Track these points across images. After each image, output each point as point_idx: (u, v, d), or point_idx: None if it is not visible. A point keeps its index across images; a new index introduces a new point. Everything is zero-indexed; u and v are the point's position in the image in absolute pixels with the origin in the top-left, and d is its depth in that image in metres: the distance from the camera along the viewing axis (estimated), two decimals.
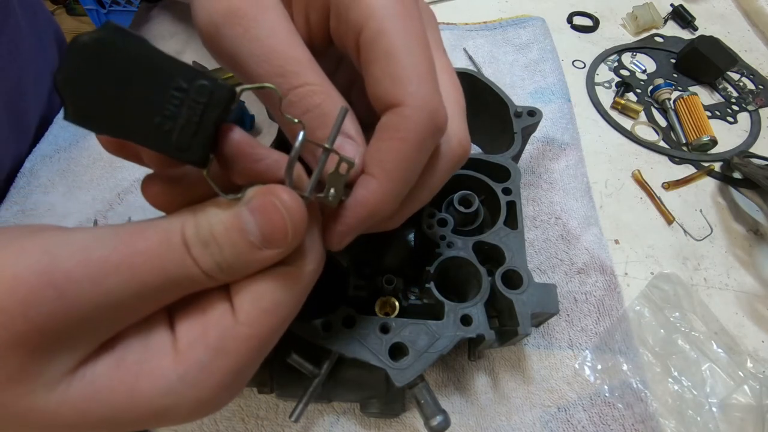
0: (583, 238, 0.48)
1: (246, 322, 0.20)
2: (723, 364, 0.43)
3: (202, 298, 0.21)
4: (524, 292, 0.34)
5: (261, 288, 0.21)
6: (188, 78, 0.18)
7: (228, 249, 0.19)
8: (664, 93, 0.63)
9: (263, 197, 0.20)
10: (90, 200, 0.53)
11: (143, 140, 0.18)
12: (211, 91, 0.18)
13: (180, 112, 0.18)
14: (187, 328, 0.20)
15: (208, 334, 0.20)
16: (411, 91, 0.23)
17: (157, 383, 0.19)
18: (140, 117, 0.17)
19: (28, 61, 0.55)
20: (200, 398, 0.20)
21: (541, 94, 0.60)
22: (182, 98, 0.18)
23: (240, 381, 0.21)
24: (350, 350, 0.32)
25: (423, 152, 0.24)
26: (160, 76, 0.17)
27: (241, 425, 0.39)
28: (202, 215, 0.20)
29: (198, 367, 0.20)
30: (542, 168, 0.54)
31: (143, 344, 0.20)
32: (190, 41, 0.67)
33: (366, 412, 0.38)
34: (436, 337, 0.32)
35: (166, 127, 0.18)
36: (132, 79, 0.17)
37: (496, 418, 0.39)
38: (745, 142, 0.60)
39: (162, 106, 0.17)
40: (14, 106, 0.54)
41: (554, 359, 0.42)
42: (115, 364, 0.19)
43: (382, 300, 0.37)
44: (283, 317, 0.21)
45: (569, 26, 0.73)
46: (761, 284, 0.48)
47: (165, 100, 0.17)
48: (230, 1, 0.23)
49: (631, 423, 0.39)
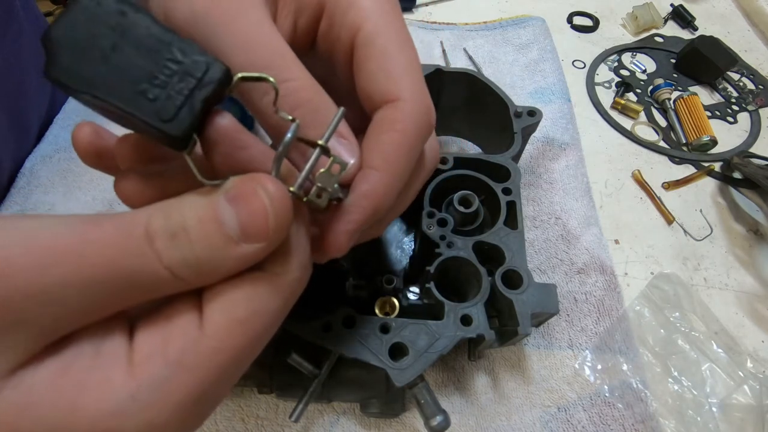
0: (583, 238, 0.48)
1: (213, 335, 0.17)
2: (723, 364, 0.43)
3: (169, 306, 0.18)
4: (524, 292, 0.34)
5: (235, 295, 0.18)
6: (185, 51, 0.17)
7: (200, 242, 0.17)
8: (664, 93, 0.63)
9: (244, 184, 0.17)
10: (90, 200, 0.53)
11: (125, 103, 0.17)
12: (206, 67, 0.17)
13: (170, 82, 0.17)
14: (146, 338, 0.18)
15: (169, 346, 0.17)
16: (407, 86, 0.23)
17: (103, 400, 0.16)
18: (127, 81, 0.17)
19: (30, 62, 0.55)
20: (153, 422, 0.17)
21: (541, 94, 0.60)
22: (175, 70, 0.17)
23: (205, 403, 0.18)
24: (350, 350, 0.32)
25: (419, 145, 0.24)
26: (156, 44, 0.17)
27: (241, 425, 0.39)
28: (173, 205, 0.18)
29: (153, 384, 0.17)
30: (542, 168, 0.54)
31: (95, 351, 0.17)
32: None
33: (366, 412, 0.38)
34: (436, 337, 0.32)
35: (152, 94, 0.17)
36: (126, 44, 0.17)
37: (496, 418, 0.39)
38: (745, 142, 0.60)
39: (152, 74, 0.17)
40: (15, 107, 0.54)
41: (554, 359, 0.42)
42: (59, 370, 0.16)
43: (382, 300, 0.37)
44: (260, 331, 0.18)
45: (569, 26, 0.73)
46: (761, 284, 0.48)
47: (157, 68, 0.17)
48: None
49: (631, 423, 0.39)
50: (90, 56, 0.16)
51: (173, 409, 0.17)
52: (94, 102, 0.17)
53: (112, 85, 0.17)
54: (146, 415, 0.16)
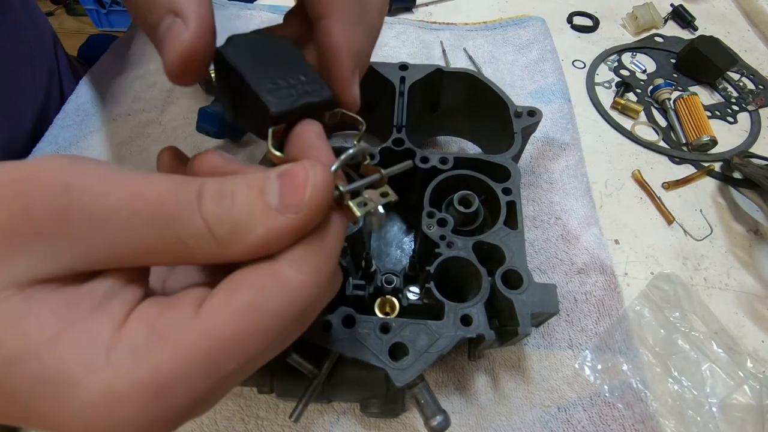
0: (583, 238, 0.48)
1: (205, 318, 0.17)
2: (723, 364, 0.43)
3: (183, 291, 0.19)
4: (524, 292, 0.34)
5: (239, 285, 0.18)
6: (312, 75, 0.25)
7: (240, 205, 0.18)
8: (664, 93, 0.63)
9: (298, 164, 0.19)
10: None
11: (255, 83, 0.23)
12: (320, 89, 0.24)
13: (292, 86, 0.24)
14: (147, 306, 0.18)
15: (162, 318, 0.17)
16: None
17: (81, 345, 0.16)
18: (266, 74, 0.23)
19: (24, 55, 0.55)
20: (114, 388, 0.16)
21: (541, 94, 0.60)
22: (300, 81, 0.24)
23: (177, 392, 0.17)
24: (350, 350, 0.32)
25: None
26: (292, 63, 0.25)
27: (241, 425, 0.39)
28: (230, 177, 0.19)
29: (130, 348, 0.16)
30: (542, 168, 0.54)
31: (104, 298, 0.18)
32: None
33: (366, 412, 0.38)
34: (436, 337, 0.32)
35: (276, 85, 0.23)
36: (273, 59, 0.25)
37: (496, 418, 0.39)
38: (745, 142, 0.60)
39: (285, 76, 0.24)
40: (8, 100, 0.54)
41: (554, 359, 0.42)
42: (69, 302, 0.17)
43: (382, 300, 0.37)
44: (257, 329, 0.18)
45: (569, 26, 0.73)
46: (761, 284, 0.48)
47: (290, 75, 0.24)
48: None
49: (631, 423, 0.39)
50: (248, 54, 0.24)
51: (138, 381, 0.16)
52: (232, 82, 0.24)
53: (254, 72, 0.23)
54: (111, 375, 0.16)
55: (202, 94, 0.61)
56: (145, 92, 0.62)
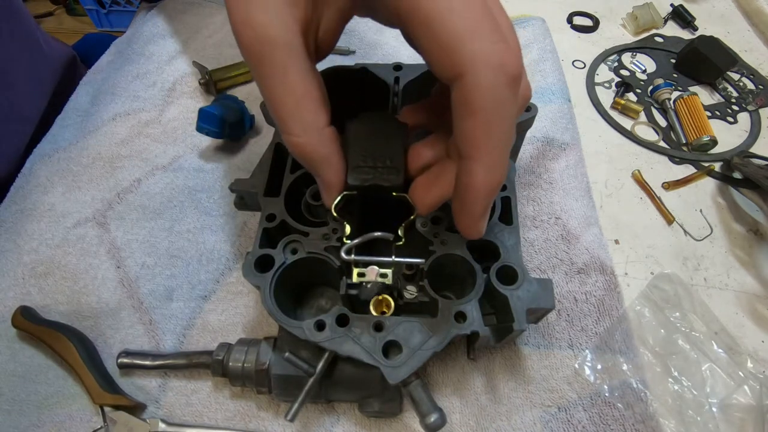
0: (583, 238, 0.48)
1: None
2: (723, 364, 0.43)
3: None
4: (519, 288, 0.34)
5: None
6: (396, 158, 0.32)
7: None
8: (664, 93, 0.63)
9: None
10: (89, 200, 0.53)
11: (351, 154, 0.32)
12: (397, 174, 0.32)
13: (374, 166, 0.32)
14: None
15: None
16: (466, 54, 0.20)
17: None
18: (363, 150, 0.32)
19: (21, 60, 0.56)
20: None
21: (541, 94, 0.60)
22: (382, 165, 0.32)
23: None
24: (344, 349, 0.32)
25: (504, 118, 0.22)
26: (390, 145, 0.32)
27: (242, 425, 0.39)
28: None
29: None
30: (542, 168, 0.54)
31: None
32: (189, 41, 0.67)
33: (364, 412, 0.37)
34: (429, 335, 0.32)
35: (363, 161, 0.32)
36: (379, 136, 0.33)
37: (496, 418, 0.39)
38: (745, 142, 0.60)
39: (372, 156, 0.32)
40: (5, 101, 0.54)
41: (554, 359, 0.42)
42: None
43: (378, 298, 0.37)
44: None
45: (569, 26, 0.73)
46: (761, 284, 0.48)
47: (377, 155, 0.32)
48: None
49: (631, 423, 0.39)
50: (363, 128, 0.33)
51: None
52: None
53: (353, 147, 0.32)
54: None
55: (202, 94, 0.62)
56: (144, 92, 0.62)
